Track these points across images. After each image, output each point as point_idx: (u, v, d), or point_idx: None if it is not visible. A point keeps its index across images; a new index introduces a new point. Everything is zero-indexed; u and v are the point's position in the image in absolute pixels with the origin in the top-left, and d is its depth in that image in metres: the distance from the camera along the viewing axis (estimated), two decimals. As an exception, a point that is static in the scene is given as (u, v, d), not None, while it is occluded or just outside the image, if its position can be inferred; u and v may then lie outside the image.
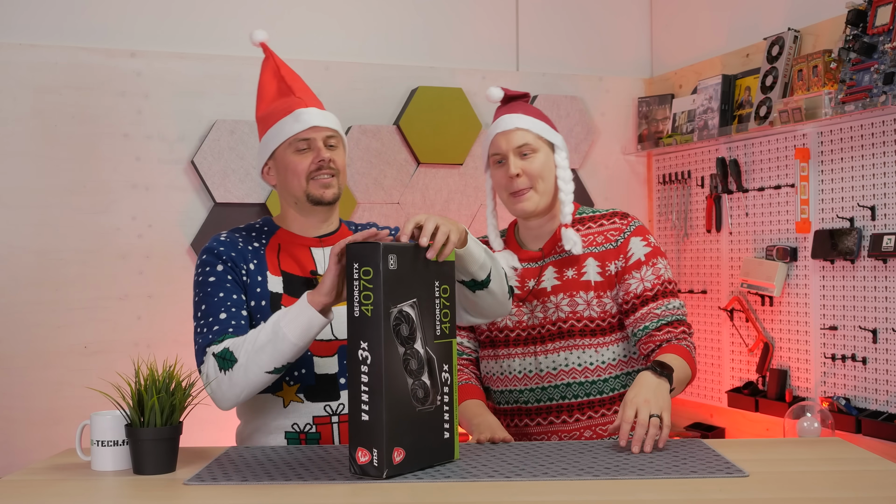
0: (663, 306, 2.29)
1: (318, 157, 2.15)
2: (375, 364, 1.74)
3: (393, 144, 3.68)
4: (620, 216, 2.39)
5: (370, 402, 1.74)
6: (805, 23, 3.20)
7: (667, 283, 2.32)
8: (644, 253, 2.32)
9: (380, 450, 1.73)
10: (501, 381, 2.39)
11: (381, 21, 3.77)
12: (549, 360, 2.33)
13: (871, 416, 2.84)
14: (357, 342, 1.75)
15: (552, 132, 2.39)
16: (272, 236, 2.23)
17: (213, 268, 2.13)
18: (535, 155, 2.34)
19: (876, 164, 2.88)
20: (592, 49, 4.04)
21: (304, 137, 2.16)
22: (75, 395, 3.24)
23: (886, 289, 2.83)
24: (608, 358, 2.32)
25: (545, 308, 2.34)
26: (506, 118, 2.37)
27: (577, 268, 2.34)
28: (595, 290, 2.32)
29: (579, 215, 2.42)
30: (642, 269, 2.31)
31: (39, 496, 1.73)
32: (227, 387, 2.00)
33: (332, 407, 2.14)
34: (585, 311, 2.31)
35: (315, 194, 2.17)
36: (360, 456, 1.75)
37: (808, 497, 1.66)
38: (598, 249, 2.35)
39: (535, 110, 2.41)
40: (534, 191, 2.33)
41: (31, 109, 3.27)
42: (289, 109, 2.18)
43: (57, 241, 3.29)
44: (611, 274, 2.33)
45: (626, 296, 2.31)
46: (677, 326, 2.28)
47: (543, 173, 2.34)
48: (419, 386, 1.80)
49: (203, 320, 2.09)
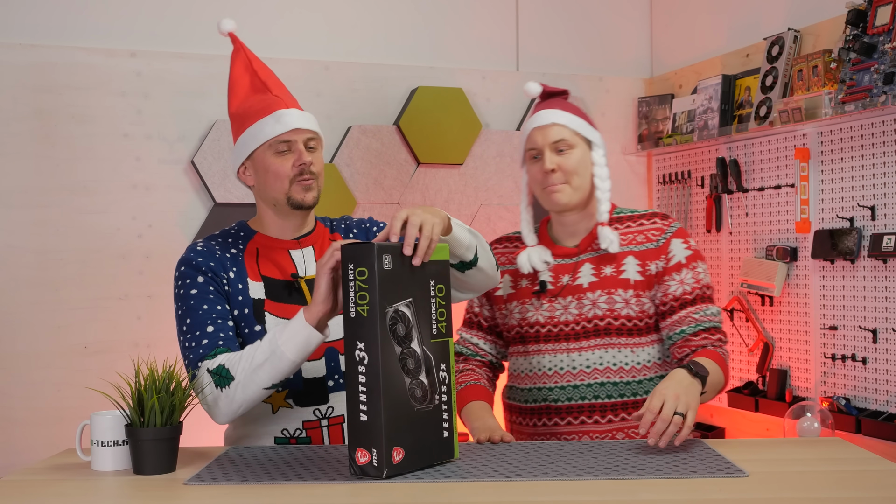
0: (701, 311, 2.27)
1: (300, 160, 2.11)
2: (372, 364, 1.74)
3: (393, 144, 3.68)
4: (661, 217, 2.37)
5: (368, 403, 1.74)
6: (805, 23, 3.20)
7: (706, 287, 2.30)
8: (685, 256, 2.31)
9: (379, 450, 1.73)
10: (530, 378, 2.34)
11: (381, 21, 3.77)
12: (582, 357, 2.29)
13: (871, 416, 2.84)
14: (354, 343, 1.75)
15: (590, 129, 2.37)
16: (249, 241, 2.18)
17: (193, 280, 2.09)
18: (572, 151, 2.32)
19: (876, 164, 2.88)
20: (592, 49, 4.04)
21: (284, 140, 2.11)
22: (75, 395, 3.24)
23: (886, 289, 2.83)
24: (644, 359, 2.29)
25: (580, 304, 2.30)
26: (543, 113, 2.35)
27: (615, 265, 2.31)
28: (634, 288, 2.29)
29: (617, 214, 2.39)
30: (682, 271, 2.29)
31: (39, 496, 1.73)
32: (225, 404, 1.97)
33: (321, 411, 2.13)
34: (623, 309, 2.28)
35: (297, 198, 2.13)
36: (360, 456, 1.75)
37: (808, 497, 1.66)
38: (639, 248, 2.32)
39: (573, 106, 2.39)
40: (568, 185, 2.31)
41: (31, 109, 3.27)
42: (268, 109, 2.12)
43: (57, 241, 3.29)
44: (651, 274, 2.30)
45: (665, 297, 2.29)
46: (714, 333, 2.26)
47: (579, 169, 2.31)
48: (417, 385, 1.80)
49: (190, 334, 2.05)
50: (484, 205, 3.80)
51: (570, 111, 2.36)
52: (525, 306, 2.36)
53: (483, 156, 3.82)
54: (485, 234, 3.79)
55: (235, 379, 1.95)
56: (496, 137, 3.83)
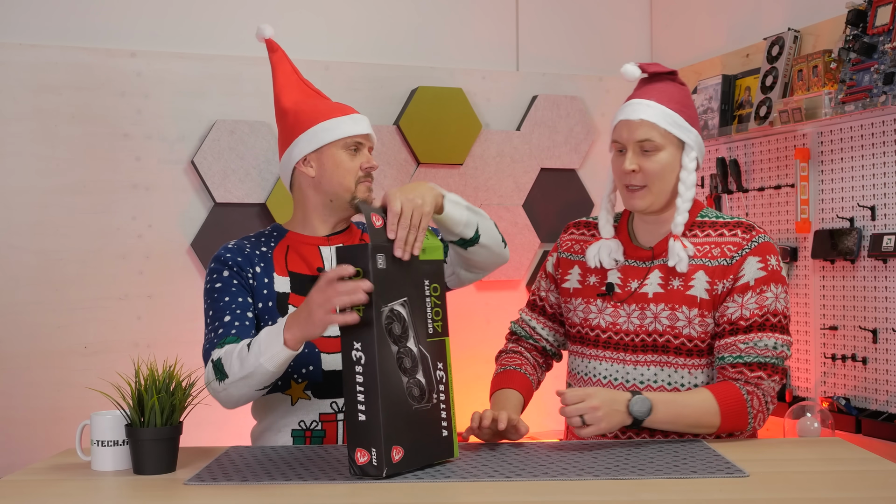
0: (752, 342, 2.05)
1: (369, 163, 2.22)
2: (369, 364, 1.74)
3: (393, 144, 3.68)
4: (745, 228, 2.12)
5: (366, 402, 1.74)
6: (805, 23, 3.20)
7: (770, 314, 2.06)
8: (756, 277, 2.06)
9: (378, 449, 1.73)
10: (585, 382, 2.21)
11: (381, 21, 3.77)
12: (637, 371, 2.13)
13: (871, 416, 2.84)
14: (350, 343, 1.76)
15: (685, 128, 2.12)
16: (281, 239, 2.26)
17: (219, 274, 2.18)
18: (658, 153, 2.10)
19: (876, 164, 2.88)
20: (592, 49, 4.05)
21: (359, 140, 2.22)
22: (75, 395, 3.24)
23: (886, 289, 2.83)
24: (702, 381, 2.12)
25: (643, 315, 2.13)
26: (634, 104, 2.13)
27: (684, 279, 2.10)
28: (700, 307, 2.08)
29: (700, 218, 2.17)
30: (747, 294, 2.06)
31: (39, 496, 1.73)
32: (224, 397, 2.06)
33: (338, 404, 2.16)
34: (685, 328, 2.09)
35: (361, 196, 2.21)
36: (360, 456, 1.75)
37: (808, 497, 1.65)
38: (712, 263, 2.09)
39: (676, 96, 2.14)
40: (648, 190, 2.10)
41: (31, 109, 3.27)
42: (343, 111, 2.23)
43: (57, 241, 3.29)
44: (717, 293, 2.08)
45: (721, 318, 2.08)
46: (755, 370, 2.04)
47: (663, 174, 2.10)
48: (414, 384, 1.80)
49: (211, 325, 2.14)
50: (484, 205, 3.80)
51: (669, 103, 2.11)
52: (589, 306, 2.21)
53: (483, 156, 3.82)
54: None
55: (229, 378, 2.01)
56: (496, 137, 3.83)
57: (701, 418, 2.02)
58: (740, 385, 2.05)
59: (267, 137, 3.52)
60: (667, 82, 2.16)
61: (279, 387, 2.16)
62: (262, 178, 3.51)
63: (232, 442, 2.32)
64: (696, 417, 2.02)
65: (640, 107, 2.11)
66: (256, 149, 3.50)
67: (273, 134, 3.52)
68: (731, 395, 2.03)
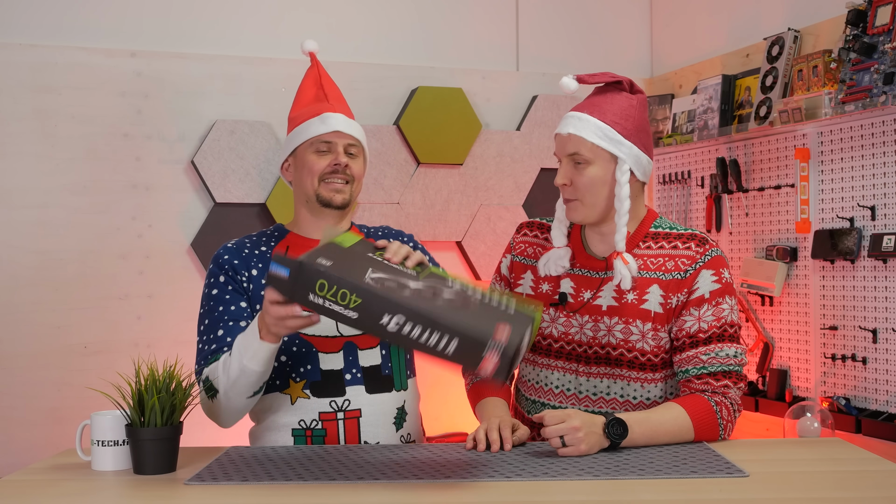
0: (713, 353, 2.07)
1: (335, 160, 2.21)
2: (407, 311, 1.68)
3: (393, 144, 3.68)
4: (698, 241, 2.13)
5: (441, 333, 1.66)
6: (805, 23, 3.20)
7: (727, 325, 2.09)
8: (711, 290, 2.08)
9: (490, 348, 1.65)
10: (536, 390, 2.22)
11: (381, 21, 3.77)
12: (590, 383, 2.14)
13: (871, 416, 2.84)
14: (379, 324, 1.70)
15: (617, 142, 2.08)
16: (281, 240, 2.27)
17: (216, 279, 2.20)
18: (588, 167, 2.08)
19: (876, 164, 2.88)
20: (592, 49, 4.05)
21: (326, 140, 2.21)
22: (75, 395, 3.24)
23: (886, 289, 2.83)
24: (654, 395, 2.13)
25: (596, 328, 2.13)
26: (567, 117, 2.12)
27: (638, 292, 2.10)
28: (654, 321, 2.09)
29: (654, 229, 2.17)
30: (703, 307, 2.08)
31: (39, 496, 1.73)
32: (216, 413, 2.09)
33: (337, 403, 2.16)
34: (639, 342, 2.10)
35: (324, 196, 2.21)
36: (487, 365, 1.65)
37: (808, 497, 1.66)
38: (666, 277, 2.10)
39: (613, 110, 2.10)
40: (580, 202, 2.10)
41: (31, 109, 3.27)
42: (318, 112, 2.24)
43: (57, 241, 3.29)
44: (671, 307, 2.09)
45: (679, 332, 2.09)
46: (720, 379, 2.06)
47: (593, 187, 2.08)
48: (451, 295, 1.78)
49: (205, 335, 2.16)
50: (484, 205, 3.80)
51: (604, 116, 2.09)
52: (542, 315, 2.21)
53: (483, 156, 3.82)
54: (485, 233, 3.79)
55: (219, 391, 2.04)
56: (496, 137, 3.83)
57: (676, 435, 2.03)
58: (708, 396, 2.07)
59: (267, 137, 3.52)
60: (615, 93, 2.13)
61: (278, 386, 2.16)
62: (262, 178, 3.51)
63: (232, 442, 2.32)
64: (672, 434, 2.02)
65: (572, 120, 2.10)
66: (256, 149, 3.50)
67: (273, 134, 3.52)
68: (702, 407, 2.05)
